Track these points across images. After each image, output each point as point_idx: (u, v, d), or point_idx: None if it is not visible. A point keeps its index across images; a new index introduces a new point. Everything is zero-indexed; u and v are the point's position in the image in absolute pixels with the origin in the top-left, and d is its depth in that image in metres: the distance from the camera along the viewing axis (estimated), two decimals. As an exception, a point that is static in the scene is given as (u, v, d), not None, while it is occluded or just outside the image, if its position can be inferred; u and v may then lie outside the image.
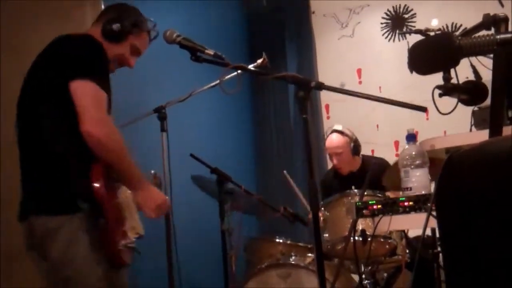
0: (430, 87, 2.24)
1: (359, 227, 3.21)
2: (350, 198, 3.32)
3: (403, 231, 3.54)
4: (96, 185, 2.03)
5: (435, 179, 1.52)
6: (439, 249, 3.59)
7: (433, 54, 1.73)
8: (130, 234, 2.21)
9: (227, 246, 3.50)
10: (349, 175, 4.18)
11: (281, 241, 3.64)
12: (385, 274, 3.87)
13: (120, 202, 2.21)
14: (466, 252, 1.42)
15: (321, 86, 1.99)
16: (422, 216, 1.79)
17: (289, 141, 5.32)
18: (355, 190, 3.37)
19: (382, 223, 1.95)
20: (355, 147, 4.16)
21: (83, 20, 3.37)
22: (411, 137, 2.13)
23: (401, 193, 2.20)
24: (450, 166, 1.42)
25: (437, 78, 2.23)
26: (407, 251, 3.47)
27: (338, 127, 4.17)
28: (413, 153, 2.10)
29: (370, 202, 1.92)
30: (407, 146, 2.13)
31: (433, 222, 1.74)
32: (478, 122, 2.48)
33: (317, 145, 5.01)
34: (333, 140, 4.14)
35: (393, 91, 4.84)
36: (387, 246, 3.45)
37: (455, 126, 2.65)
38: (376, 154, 4.37)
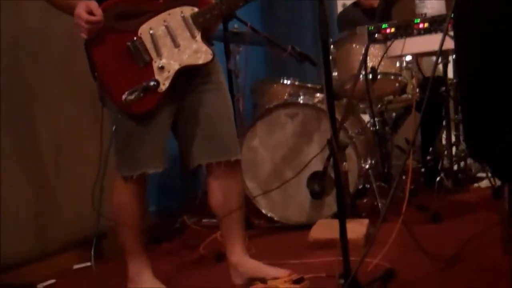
0: None
1: (369, 64, 3.13)
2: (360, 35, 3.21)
3: (414, 70, 3.46)
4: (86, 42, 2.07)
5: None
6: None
7: None
8: (158, 76, 2.05)
9: (234, 89, 3.45)
10: (371, 9, 4.00)
11: (288, 82, 3.58)
12: (394, 114, 3.86)
13: (137, 44, 2.06)
14: (483, 68, 1.34)
15: None
16: (437, 37, 1.68)
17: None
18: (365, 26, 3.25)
19: (394, 48, 1.85)
20: None
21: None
22: (428, -42, 1.96)
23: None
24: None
25: None
26: (417, 90, 3.42)
27: None
28: (430, -25, 1.95)
29: (383, 26, 1.80)
30: (423, -32, 1.97)
31: (449, 43, 1.65)
32: None
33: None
34: None
35: None
36: (397, 84, 3.39)
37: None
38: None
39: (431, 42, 1.76)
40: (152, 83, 2.03)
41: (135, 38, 2.07)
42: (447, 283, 2.06)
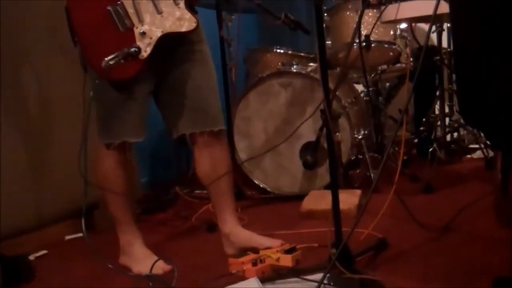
0: None
1: (363, 33, 3.09)
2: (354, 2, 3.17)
3: (408, 39, 3.42)
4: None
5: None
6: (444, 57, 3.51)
7: None
8: (139, 42, 1.99)
9: (226, 57, 3.40)
10: None
11: (281, 51, 3.55)
12: (387, 84, 3.83)
13: (118, 8, 1.99)
14: (479, 32, 1.31)
15: None
16: (432, 1, 1.64)
17: None
18: (360, -5, 3.21)
19: (389, 13, 1.81)
20: None
21: None
22: None
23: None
24: None
25: None
26: (411, 59, 3.38)
27: None
28: None
29: (377, -9, 1.76)
30: None
31: (444, 7, 1.62)
32: None
33: None
34: None
35: None
36: (391, 53, 3.36)
37: None
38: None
39: (425, 6, 1.72)
40: (133, 49, 1.96)
41: (117, 3, 2.00)
42: (439, 252, 2.06)
